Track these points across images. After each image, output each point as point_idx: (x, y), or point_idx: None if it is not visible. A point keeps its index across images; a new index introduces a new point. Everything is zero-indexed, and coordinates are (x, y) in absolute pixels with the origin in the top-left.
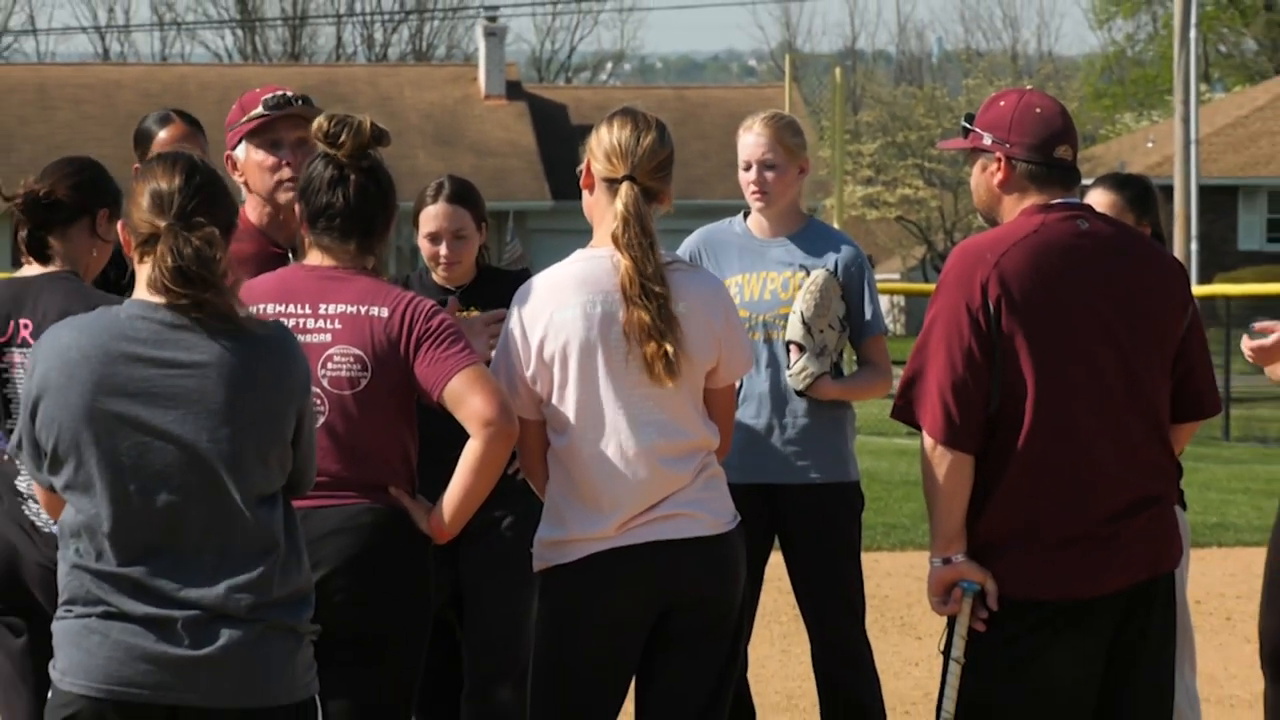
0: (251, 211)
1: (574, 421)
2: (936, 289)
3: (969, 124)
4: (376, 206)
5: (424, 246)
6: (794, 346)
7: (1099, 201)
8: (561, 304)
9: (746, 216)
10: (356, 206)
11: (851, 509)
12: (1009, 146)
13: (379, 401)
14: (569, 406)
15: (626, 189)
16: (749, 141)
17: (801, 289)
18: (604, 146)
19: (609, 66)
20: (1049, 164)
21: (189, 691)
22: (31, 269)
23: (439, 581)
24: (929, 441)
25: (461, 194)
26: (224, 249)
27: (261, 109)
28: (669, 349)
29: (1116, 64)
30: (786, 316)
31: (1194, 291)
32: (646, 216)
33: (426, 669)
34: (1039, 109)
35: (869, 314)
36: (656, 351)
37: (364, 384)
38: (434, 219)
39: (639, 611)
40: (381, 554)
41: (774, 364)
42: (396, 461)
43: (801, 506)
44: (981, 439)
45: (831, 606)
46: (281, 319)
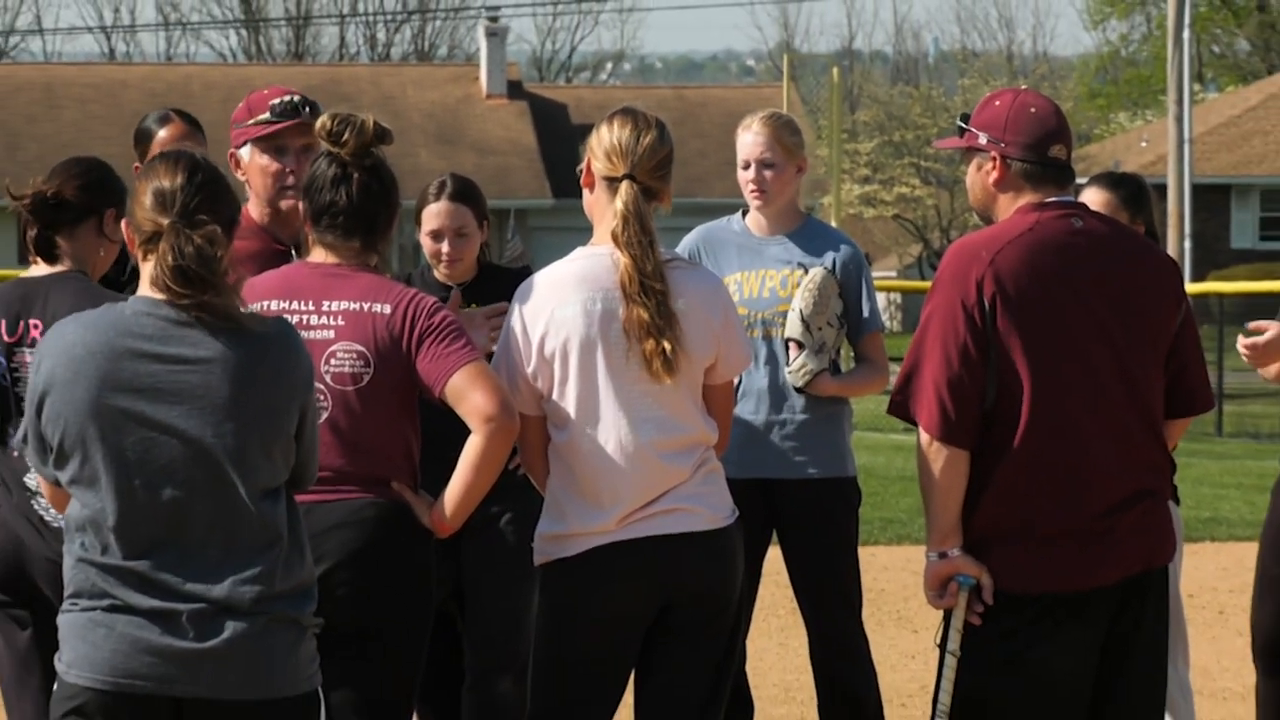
0: (255, 209)
1: (574, 417)
2: (932, 286)
3: (964, 123)
4: (379, 204)
5: (426, 244)
6: (793, 343)
7: (1093, 200)
8: (562, 301)
9: (745, 215)
10: (360, 204)
11: (849, 504)
12: (1004, 145)
13: (381, 397)
14: (569, 402)
15: (626, 188)
16: (747, 140)
17: (800, 287)
18: (604, 145)
19: (609, 66)
20: (1043, 163)
21: (194, 684)
22: (39, 269)
23: (440, 576)
24: (925, 437)
25: (463, 192)
26: (226, 247)
27: (269, 115)
28: (668, 346)
29: (1111, 64)
30: (785, 314)
31: (1187, 289)
32: (646, 215)
33: (428, 661)
34: (1034, 108)
35: (866, 311)
36: (655, 348)
37: (367, 380)
38: (436, 217)
39: (639, 605)
40: (384, 548)
41: (773, 360)
42: (399, 457)
43: (799, 501)
44: (977, 435)
45: (829, 600)
46: (285, 315)
